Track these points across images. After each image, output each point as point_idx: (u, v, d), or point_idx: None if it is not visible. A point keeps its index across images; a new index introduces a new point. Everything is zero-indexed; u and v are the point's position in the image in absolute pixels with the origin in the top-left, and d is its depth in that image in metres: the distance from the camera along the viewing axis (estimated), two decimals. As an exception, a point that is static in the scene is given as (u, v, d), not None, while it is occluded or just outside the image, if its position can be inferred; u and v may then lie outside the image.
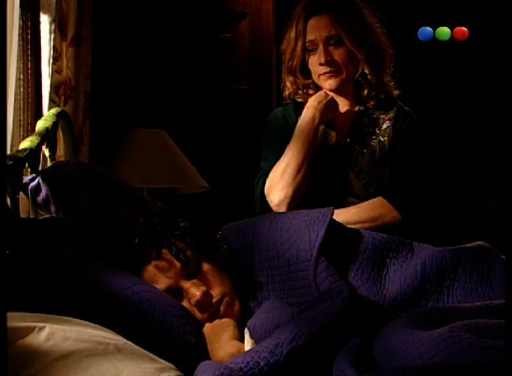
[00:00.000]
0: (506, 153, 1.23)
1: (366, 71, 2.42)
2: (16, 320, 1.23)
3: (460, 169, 3.83)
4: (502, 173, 1.29)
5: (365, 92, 2.46)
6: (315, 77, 2.45)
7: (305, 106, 2.42)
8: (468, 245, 1.69)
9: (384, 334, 1.28)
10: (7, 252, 1.77)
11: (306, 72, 2.48)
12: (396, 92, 2.53)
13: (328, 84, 2.41)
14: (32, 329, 1.20)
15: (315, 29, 2.38)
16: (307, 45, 2.41)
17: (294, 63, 2.48)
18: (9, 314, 1.28)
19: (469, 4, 3.70)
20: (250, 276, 1.72)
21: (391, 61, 2.50)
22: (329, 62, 2.37)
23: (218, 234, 1.80)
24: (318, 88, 2.49)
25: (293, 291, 1.64)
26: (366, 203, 2.35)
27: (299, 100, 2.54)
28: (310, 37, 2.39)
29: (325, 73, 2.40)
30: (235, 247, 1.77)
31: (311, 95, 2.48)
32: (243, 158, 3.79)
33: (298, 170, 2.31)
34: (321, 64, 2.38)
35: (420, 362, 1.14)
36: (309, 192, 2.35)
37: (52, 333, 1.20)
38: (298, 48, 2.43)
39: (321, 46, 2.37)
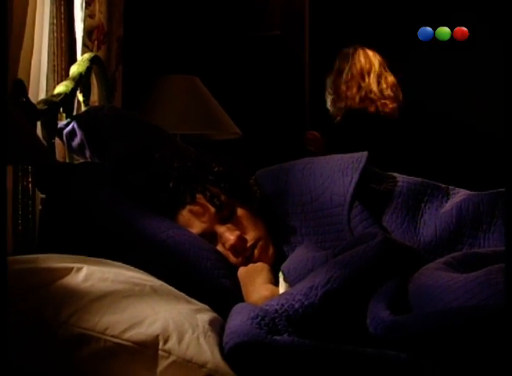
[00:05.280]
0: (506, 153, 1.21)
1: None
2: (54, 261, 1.25)
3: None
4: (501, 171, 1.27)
5: None
6: None
7: None
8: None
9: (419, 277, 1.27)
10: (43, 196, 1.79)
11: None
12: None
13: None
14: (70, 270, 1.22)
15: None
16: None
17: None
18: (46, 255, 1.30)
19: (469, 4, 3.69)
20: (283, 220, 1.71)
21: None
22: None
23: (252, 179, 1.80)
24: None
25: (327, 236, 1.64)
26: None
27: None
28: None
29: None
30: (268, 192, 1.77)
31: None
32: (275, 104, 3.77)
33: None
34: None
35: (456, 305, 1.14)
36: None
37: (89, 274, 1.22)
38: None
39: None
